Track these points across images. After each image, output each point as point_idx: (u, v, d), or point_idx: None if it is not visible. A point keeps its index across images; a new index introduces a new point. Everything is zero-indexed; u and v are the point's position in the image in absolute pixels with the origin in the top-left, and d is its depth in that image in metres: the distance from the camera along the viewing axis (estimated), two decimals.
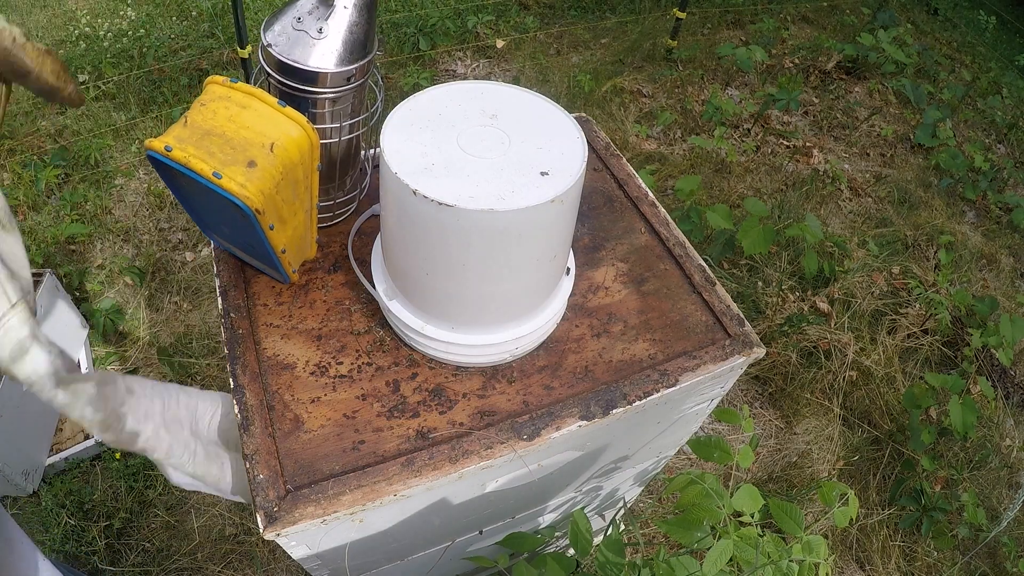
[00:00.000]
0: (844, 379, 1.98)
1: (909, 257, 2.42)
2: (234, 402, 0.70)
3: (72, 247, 2.16)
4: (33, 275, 1.76)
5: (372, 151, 0.93)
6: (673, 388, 0.76)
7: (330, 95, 0.73)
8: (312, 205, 0.75)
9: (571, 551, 1.11)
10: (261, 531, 0.62)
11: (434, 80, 2.87)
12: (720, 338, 0.81)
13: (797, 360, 2.01)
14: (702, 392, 0.85)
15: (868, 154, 2.96)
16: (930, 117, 2.92)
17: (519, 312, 0.72)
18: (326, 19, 0.70)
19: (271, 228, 0.68)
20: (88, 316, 1.86)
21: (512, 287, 0.68)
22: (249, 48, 2.34)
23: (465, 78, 2.94)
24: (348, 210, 0.89)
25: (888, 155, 2.96)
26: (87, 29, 2.97)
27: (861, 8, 3.80)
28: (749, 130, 2.90)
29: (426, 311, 0.71)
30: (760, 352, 0.80)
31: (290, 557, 0.73)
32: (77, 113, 2.57)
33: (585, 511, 0.89)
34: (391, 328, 0.78)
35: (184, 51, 2.90)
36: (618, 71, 3.07)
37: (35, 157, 2.36)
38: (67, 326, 1.72)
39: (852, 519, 0.84)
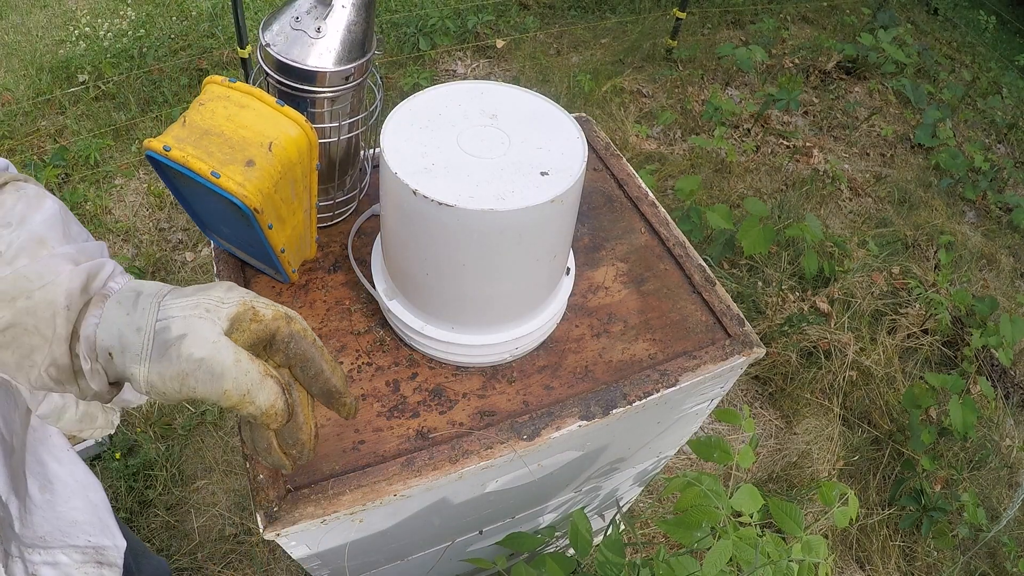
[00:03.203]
0: (844, 379, 1.97)
1: (909, 257, 2.42)
2: None
3: None
4: None
5: (372, 151, 0.93)
6: (673, 388, 0.76)
7: (328, 94, 0.73)
8: (311, 205, 0.75)
9: (571, 551, 1.11)
10: (261, 531, 0.62)
11: (434, 80, 2.87)
12: (720, 338, 0.81)
13: (797, 360, 2.00)
14: (702, 392, 0.85)
15: (868, 154, 2.96)
16: (930, 117, 2.92)
17: (519, 312, 0.72)
18: (324, 18, 0.70)
19: (270, 227, 0.67)
20: None
21: (512, 287, 0.68)
22: (249, 48, 2.34)
23: (465, 78, 2.94)
24: (348, 210, 0.89)
25: (888, 155, 2.96)
26: (87, 29, 2.97)
27: (861, 8, 3.80)
28: (749, 130, 2.90)
29: (426, 311, 0.71)
30: (760, 352, 0.80)
31: (290, 557, 0.73)
32: (77, 113, 2.57)
33: (585, 511, 0.89)
34: (391, 328, 0.78)
35: (184, 51, 2.90)
36: (618, 71, 3.07)
37: (35, 157, 2.36)
38: None
39: (852, 519, 0.84)
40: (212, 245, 0.84)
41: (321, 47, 0.70)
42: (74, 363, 0.48)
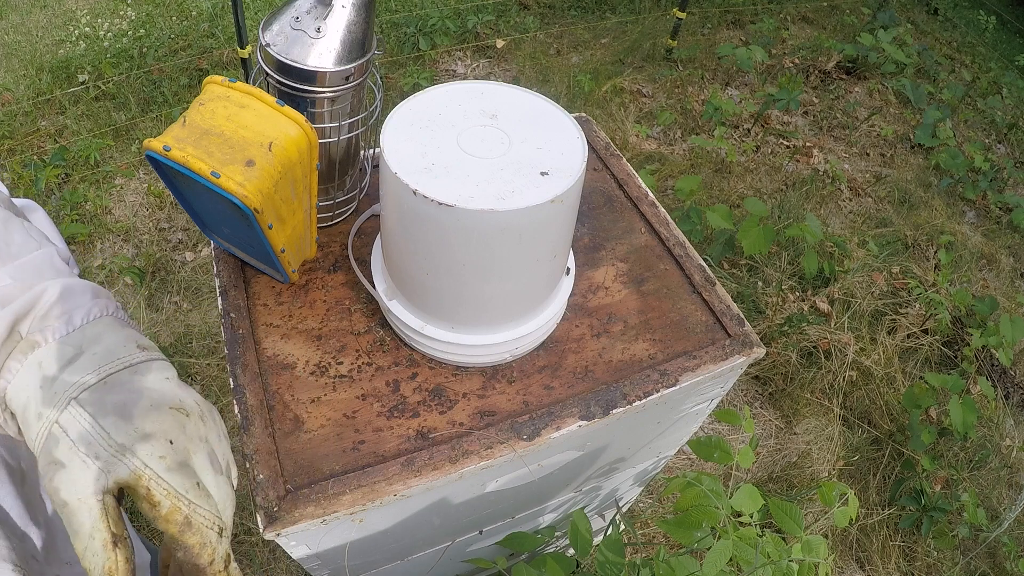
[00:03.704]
0: (844, 379, 1.97)
1: (909, 257, 2.42)
2: (234, 402, 0.70)
3: (72, 247, 2.16)
4: None
5: (372, 151, 0.93)
6: (673, 388, 0.76)
7: (328, 94, 0.73)
8: (311, 204, 0.75)
9: (571, 551, 1.11)
10: (261, 531, 0.62)
11: (434, 80, 2.87)
12: (720, 338, 0.81)
13: (797, 360, 2.00)
14: (702, 392, 0.85)
15: (868, 154, 2.96)
16: (930, 117, 2.92)
17: (519, 312, 0.72)
18: (324, 18, 0.70)
19: (270, 227, 0.67)
20: None
21: (512, 287, 0.68)
22: (249, 48, 2.34)
23: (465, 78, 2.94)
24: (348, 210, 0.89)
25: (888, 155, 2.96)
26: (87, 29, 2.97)
27: (861, 8, 3.79)
28: (749, 130, 2.90)
29: (426, 311, 0.71)
30: (760, 352, 0.80)
31: (290, 557, 0.73)
32: (77, 113, 2.57)
33: (585, 511, 0.89)
34: (391, 328, 0.78)
35: (184, 51, 2.90)
36: (618, 71, 3.07)
37: (35, 157, 2.36)
38: None
39: (852, 519, 0.84)
40: (212, 245, 0.84)
41: (321, 47, 0.70)
42: None
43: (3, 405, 0.43)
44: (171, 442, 0.43)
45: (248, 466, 0.65)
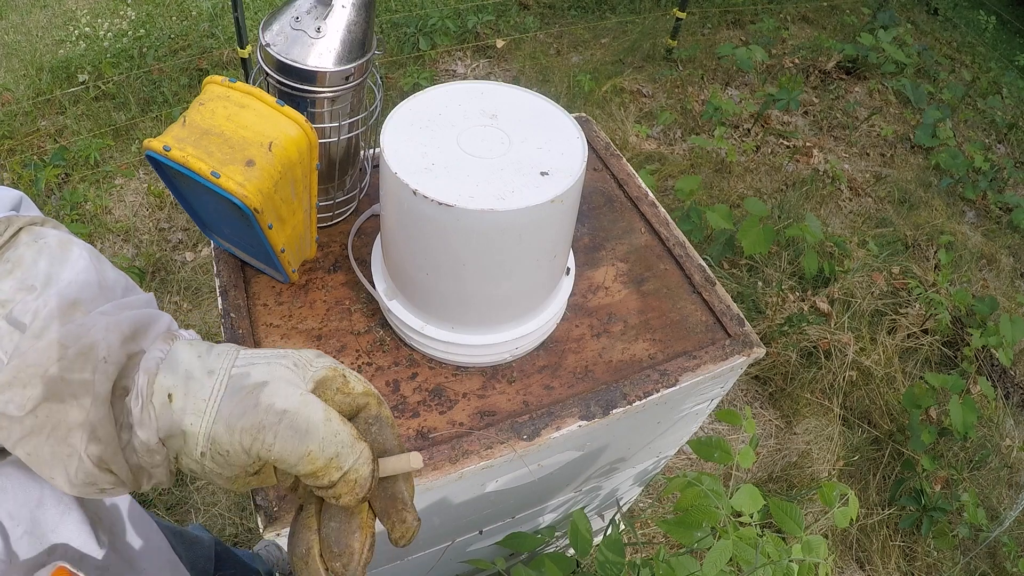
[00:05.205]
0: (844, 379, 1.97)
1: (909, 257, 2.42)
2: None
3: None
4: None
5: (372, 151, 0.93)
6: (673, 388, 0.76)
7: (328, 94, 0.73)
8: (311, 204, 0.75)
9: (571, 551, 1.11)
10: (261, 531, 0.62)
11: (434, 80, 2.87)
12: (720, 338, 0.81)
13: (797, 360, 2.00)
14: (702, 392, 0.85)
15: (868, 154, 2.96)
16: (930, 117, 2.92)
17: (519, 312, 0.72)
18: (324, 18, 0.70)
19: (270, 227, 0.67)
20: None
21: (512, 287, 0.68)
22: (249, 48, 2.34)
23: (465, 78, 2.94)
24: (348, 210, 0.89)
25: (888, 155, 2.96)
26: (87, 29, 2.97)
27: (861, 8, 3.79)
28: (749, 130, 2.90)
29: (426, 311, 0.71)
30: (760, 352, 0.80)
31: None
32: (77, 113, 2.57)
33: (585, 511, 0.89)
34: (391, 328, 0.78)
35: (184, 51, 2.90)
36: (618, 71, 3.07)
37: (35, 157, 2.36)
38: None
39: (852, 519, 0.84)
40: (212, 245, 0.84)
41: (321, 47, 0.70)
42: (120, 434, 0.41)
43: (149, 390, 0.41)
44: (337, 360, 0.47)
45: None
